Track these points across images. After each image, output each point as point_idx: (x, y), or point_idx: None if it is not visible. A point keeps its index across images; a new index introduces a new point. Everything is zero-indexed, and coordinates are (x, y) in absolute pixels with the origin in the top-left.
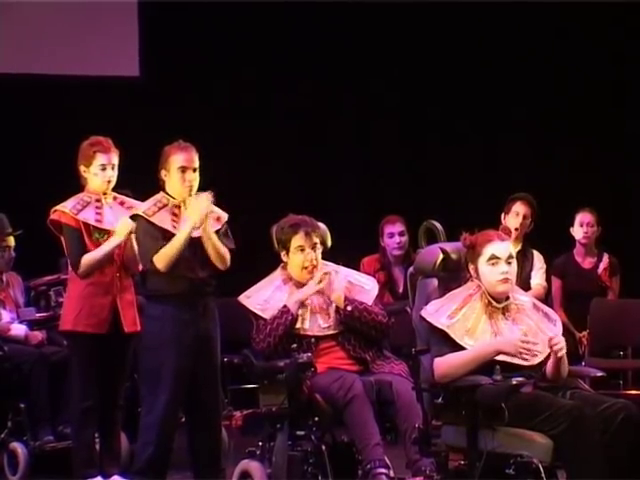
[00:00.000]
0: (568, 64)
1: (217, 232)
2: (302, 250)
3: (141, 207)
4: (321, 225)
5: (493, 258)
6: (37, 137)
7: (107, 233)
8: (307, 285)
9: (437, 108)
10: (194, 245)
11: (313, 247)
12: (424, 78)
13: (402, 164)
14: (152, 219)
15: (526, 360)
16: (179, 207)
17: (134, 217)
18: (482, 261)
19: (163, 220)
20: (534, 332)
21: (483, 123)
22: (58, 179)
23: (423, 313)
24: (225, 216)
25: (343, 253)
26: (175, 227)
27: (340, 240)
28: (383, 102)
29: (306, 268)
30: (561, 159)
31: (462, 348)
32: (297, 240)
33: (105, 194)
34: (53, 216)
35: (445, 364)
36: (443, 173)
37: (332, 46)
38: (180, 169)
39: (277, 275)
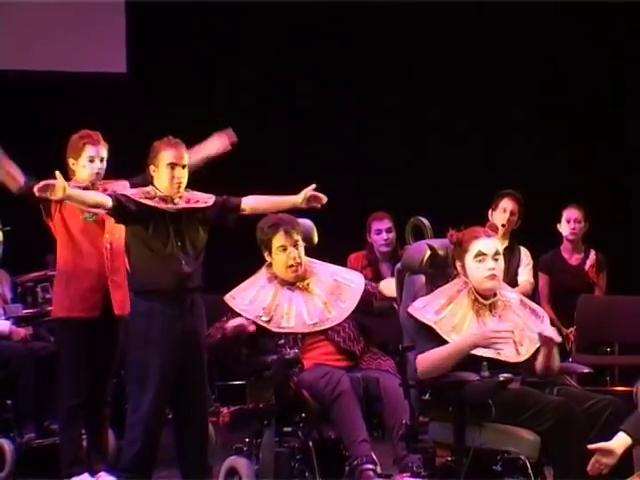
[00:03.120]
0: (568, 64)
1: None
2: (284, 249)
3: (127, 192)
4: (307, 222)
5: (480, 255)
6: (24, 133)
7: (96, 214)
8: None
9: (437, 108)
10: (180, 239)
11: (295, 245)
12: (424, 78)
13: (402, 164)
14: (133, 197)
15: (500, 350)
16: (165, 200)
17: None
18: (469, 258)
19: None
20: (520, 329)
21: (483, 123)
22: (45, 174)
23: (410, 309)
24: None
25: (331, 249)
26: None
27: (329, 236)
28: (383, 102)
29: (291, 267)
30: (561, 159)
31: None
32: (278, 240)
33: (93, 185)
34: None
35: (425, 360)
36: (443, 173)
37: (332, 46)
38: (169, 165)
39: (262, 274)
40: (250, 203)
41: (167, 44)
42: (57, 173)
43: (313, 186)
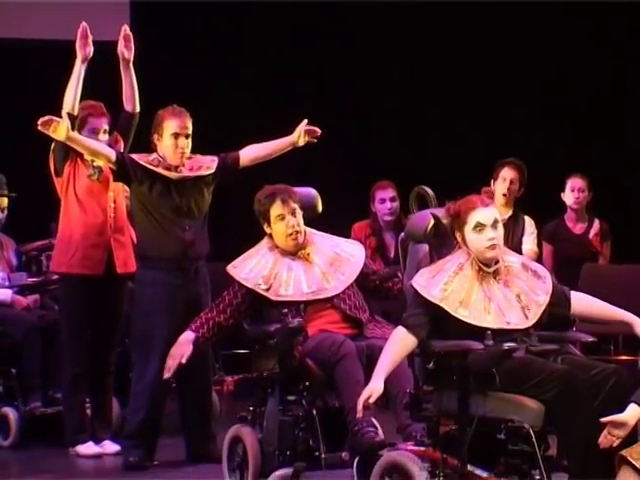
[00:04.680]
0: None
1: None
2: (282, 218)
3: (132, 155)
4: (311, 190)
5: (478, 226)
6: (32, 101)
7: (101, 171)
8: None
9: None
10: (186, 202)
11: (292, 213)
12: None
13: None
14: (135, 158)
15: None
16: (169, 168)
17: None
18: (468, 229)
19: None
20: (526, 293)
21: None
22: (50, 143)
23: (415, 285)
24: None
25: (335, 219)
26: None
27: (333, 205)
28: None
29: (290, 235)
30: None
31: (455, 319)
32: (275, 209)
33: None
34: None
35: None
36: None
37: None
38: (173, 135)
39: (263, 244)
40: (248, 154)
41: (172, 13)
42: (64, 113)
43: (305, 121)
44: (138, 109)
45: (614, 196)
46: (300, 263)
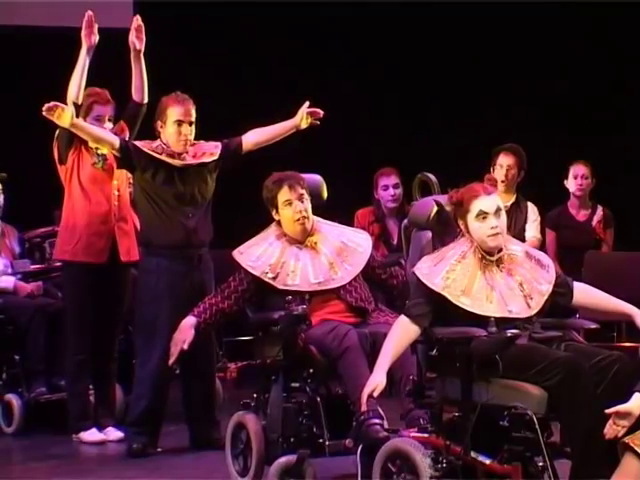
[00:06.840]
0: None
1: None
2: (290, 203)
3: (136, 142)
4: (316, 177)
5: (481, 214)
6: (36, 88)
7: (105, 159)
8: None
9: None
10: (189, 189)
11: (300, 198)
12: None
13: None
14: (139, 145)
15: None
16: (172, 155)
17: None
18: (471, 217)
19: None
20: (529, 282)
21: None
22: (53, 130)
23: (417, 272)
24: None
25: (339, 205)
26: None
27: (337, 192)
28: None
29: (297, 220)
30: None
31: (457, 308)
32: (283, 195)
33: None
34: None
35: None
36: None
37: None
38: (176, 122)
39: (271, 231)
40: (251, 139)
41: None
42: (69, 100)
43: (307, 103)
44: (146, 100)
45: (617, 183)
46: (307, 252)
